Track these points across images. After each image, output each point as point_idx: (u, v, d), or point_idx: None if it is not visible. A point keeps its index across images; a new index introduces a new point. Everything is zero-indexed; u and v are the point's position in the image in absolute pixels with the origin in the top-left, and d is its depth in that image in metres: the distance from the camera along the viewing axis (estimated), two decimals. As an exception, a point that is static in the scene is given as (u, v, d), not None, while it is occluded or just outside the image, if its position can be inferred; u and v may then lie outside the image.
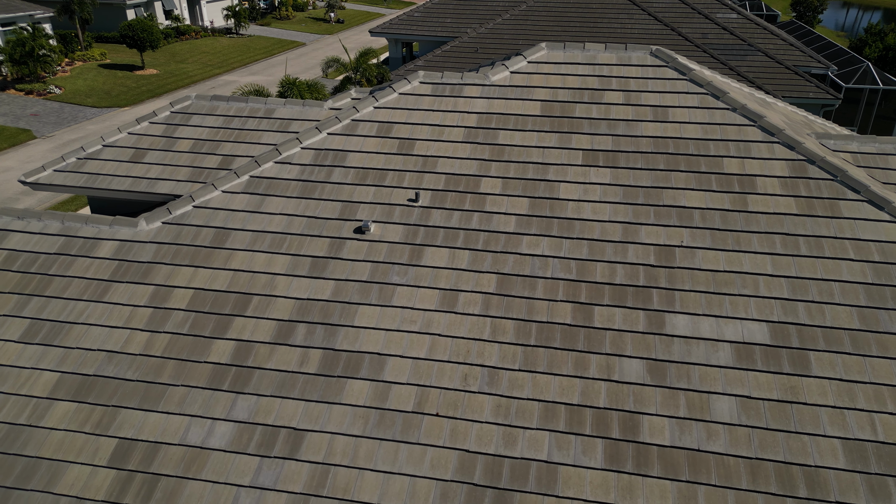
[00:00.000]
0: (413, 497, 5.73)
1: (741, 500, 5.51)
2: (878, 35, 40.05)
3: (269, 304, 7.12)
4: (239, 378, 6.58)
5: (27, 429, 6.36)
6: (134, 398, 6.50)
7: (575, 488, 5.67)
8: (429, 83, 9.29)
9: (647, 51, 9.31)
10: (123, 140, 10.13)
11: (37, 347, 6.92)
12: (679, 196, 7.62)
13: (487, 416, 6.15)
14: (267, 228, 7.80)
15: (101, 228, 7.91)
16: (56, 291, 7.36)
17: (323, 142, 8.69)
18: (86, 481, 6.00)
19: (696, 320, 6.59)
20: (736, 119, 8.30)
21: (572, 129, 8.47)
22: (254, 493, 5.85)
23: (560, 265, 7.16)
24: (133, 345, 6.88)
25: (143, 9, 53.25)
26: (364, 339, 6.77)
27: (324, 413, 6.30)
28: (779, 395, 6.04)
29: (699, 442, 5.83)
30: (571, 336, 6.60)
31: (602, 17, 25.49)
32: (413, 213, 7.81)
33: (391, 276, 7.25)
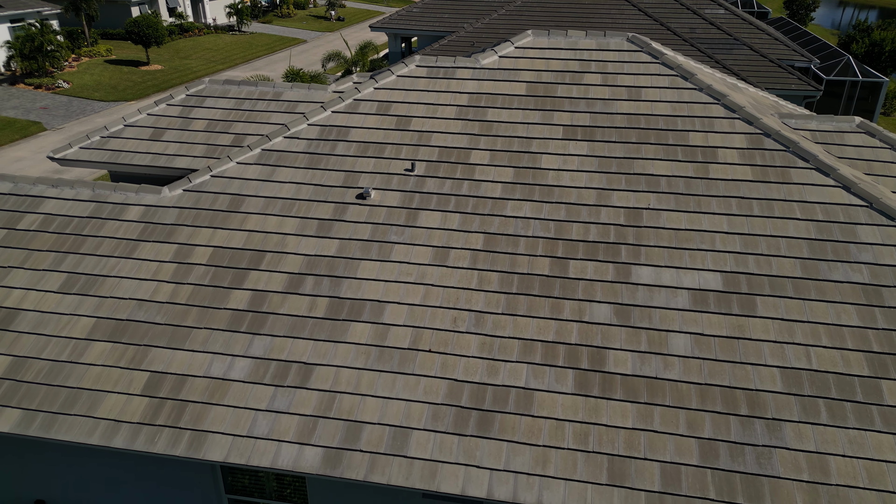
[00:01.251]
0: (408, 418, 6.61)
1: (691, 418, 6.38)
2: (866, 31, 40.89)
3: (281, 260, 7.98)
4: (255, 322, 7.45)
5: (68, 365, 7.23)
6: (163, 339, 7.37)
7: (548, 409, 6.54)
8: (424, 66, 10.15)
9: (624, 37, 10.17)
10: (143, 120, 10.99)
11: (74, 297, 7.79)
12: (648, 165, 8.49)
13: (473, 351, 7.03)
14: (278, 195, 8.66)
15: (129, 195, 8.78)
16: (89, 249, 8.22)
17: (328, 119, 9.55)
18: (122, 407, 6.87)
19: (658, 271, 7.46)
20: (702, 98, 9.16)
21: (554, 107, 9.33)
22: (269, 416, 6.72)
23: (540, 225, 8.02)
24: (160, 294, 7.75)
25: (147, 6, 54.06)
26: (366, 289, 7.64)
27: (330, 350, 7.17)
28: (728, 332, 6.91)
29: (657, 371, 6.70)
30: (548, 285, 7.47)
31: (594, 12, 26.31)
32: (409, 181, 8.68)
33: (389, 235, 8.12)
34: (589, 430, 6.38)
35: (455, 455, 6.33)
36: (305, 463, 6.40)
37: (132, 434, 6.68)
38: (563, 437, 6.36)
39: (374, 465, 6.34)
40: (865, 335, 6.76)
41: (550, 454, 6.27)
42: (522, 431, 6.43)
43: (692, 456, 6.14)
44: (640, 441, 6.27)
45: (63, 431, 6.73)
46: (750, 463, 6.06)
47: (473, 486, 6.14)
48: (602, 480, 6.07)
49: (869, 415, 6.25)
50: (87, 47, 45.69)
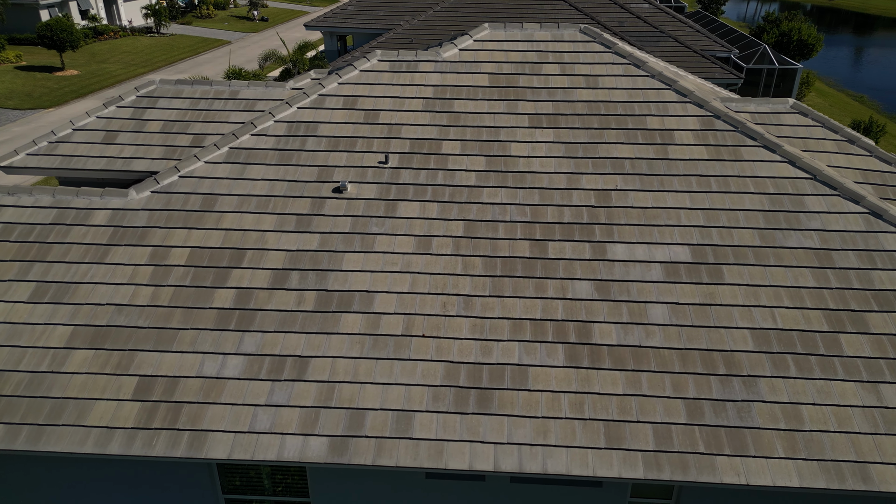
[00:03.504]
0: (409, 401, 6.76)
1: (675, 380, 6.82)
2: (774, 23, 43.56)
3: (263, 257, 7.95)
4: (243, 319, 7.41)
5: (49, 375, 6.99)
6: (148, 342, 7.22)
7: (543, 383, 6.84)
8: (386, 60, 10.26)
9: (577, 28, 10.61)
10: (93, 123, 10.61)
11: (46, 306, 7.51)
12: (612, 149, 8.92)
13: (466, 333, 7.25)
14: (251, 192, 8.61)
15: (93, 199, 8.51)
16: (57, 256, 7.94)
17: (294, 115, 9.54)
18: (113, 413, 6.71)
19: (631, 247, 7.89)
20: (655, 84, 9.69)
21: (517, 97, 9.65)
22: (270, 410, 6.73)
23: (517, 210, 8.32)
24: (140, 298, 7.58)
25: (57, 9, 51.34)
26: (352, 280, 7.72)
27: (324, 342, 7.23)
28: (700, 300, 7.41)
29: (640, 340, 7.11)
30: (530, 266, 7.78)
31: (527, 8, 26.97)
32: (384, 173, 8.80)
33: (370, 227, 8.23)
34: (583, 400, 6.72)
35: (459, 433, 6.54)
36: (312, 453, 6.45)
37: (127, 439, 6.54)
38: (559, 407, 6.67)
39: (380, 449, 6.47)
40: (822, 295, 7.40)
41: (550, 424, 6.57)
42: (521, 405, 6.70)
43: (680, 415, 6.58)
44: (631, 406, 6.66)
45: (52, 443, 6.52)
46: (732, 417, 6.54)
47: (480, 460, 6.36)
48: (601, 444, 6.41)
49: (832, 366, 6.86)
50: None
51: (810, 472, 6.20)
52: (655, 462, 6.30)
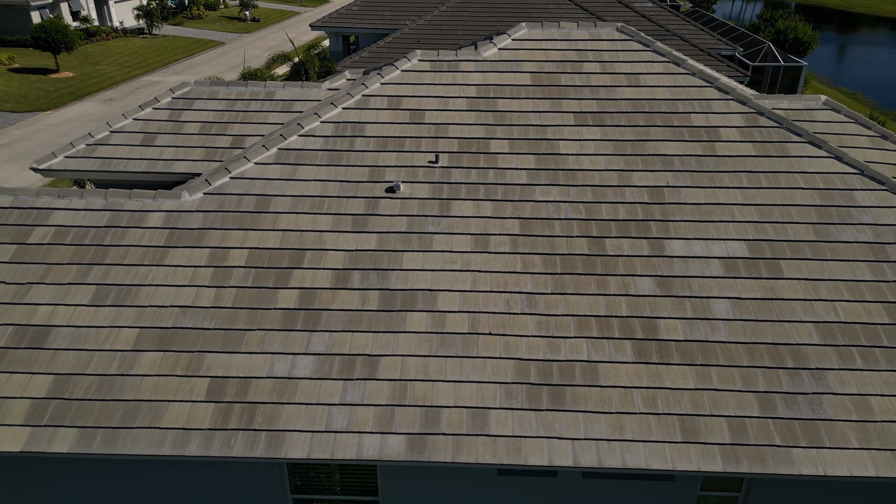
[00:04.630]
0: (483, 398, 6.80)
1: (744, 374, 6.91)
2: (769, 21, 44.02)
3: (323, 257, 7.96)
4: (309, 319, 7.41)
5: (119, 378, 6.95)
6: (215, 344, 7.21)
7: (614, 379, 6.91)
8: (427, 60, 10.29)
9: (614, 27, 10.69)
10: (130, 125, 10.55)
11: (109, 309, 7.47)
12: (660, 146, 9.01)
13: (532, 331, 7.30)
14: (305, 193, 8.60)
15: (146, 202, 8.47)
16: (115, 259, 7.89)
17: (340, 115, 9.54)
18: (188, 414, 6.70)
19: (689, 243, 7.98)
20: (696, 82, 9.79)
21: (561, 95, 9.71)
22: (345, 409, 6.74)
23: (571, 208, 8.38)
24: (203, 299, 7.56)
25: (48, 10, 50.75)
26: (414, 280, 7.75)
27: (391, 341, 7.25)
28: (762, 294, 7.51)
29: (706, 335, 7.20)
30: (590, 263, 7.84)
31: (533, 7, 27.08)
32: (435, 172, 8.83)
33: (426, 226, 8.25)
34: (656, 395, 6.79)
35: (535, 429, 6.59)
36: (391, 451, 6.48)
37: (205, 441, 6.53)
38: (633, 403, 6.74)
39: (459, 446, 6.50)
40: (880, 288, 7.53)
41: (625, 420, 6.64)
42: (594, 401, 6.76)
43: (753, 408, 6.67)
44: (703, 400, 6.75)
45: (129, 445, 6.50)
46: (804, 409, 6.65)
47: (559, 456, 6.42)
48: (677, 439, 6.49)
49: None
50: (-14, 55, 42.48)
51: (885, 462, 6.32)
52: (733, 455, 6.39)
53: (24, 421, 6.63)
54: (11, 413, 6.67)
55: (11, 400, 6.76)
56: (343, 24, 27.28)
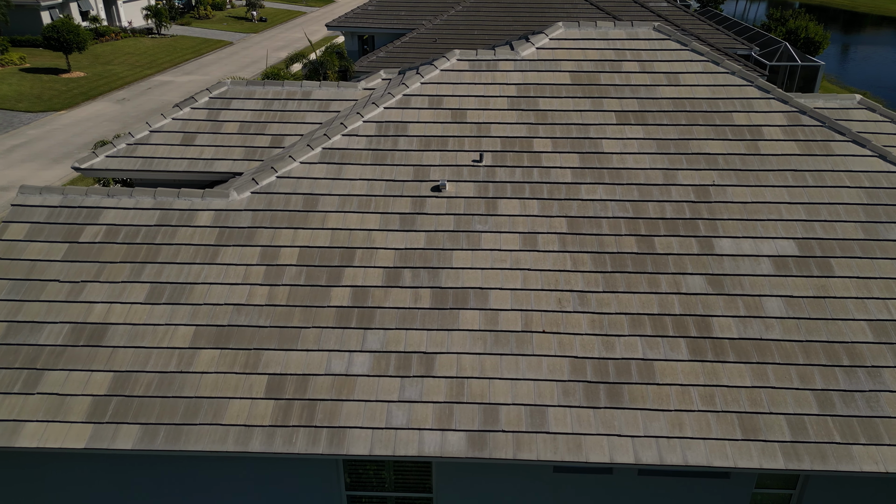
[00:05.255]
0: (540, 396, 6.84)
1: (801, 372, 6.94)
2: (780, 21, 44.00)
3: (373, 255, 8.00)
4: (363, 317, 7.46)
5: (178, 375, 7.00)
6: (272, 341, 7.26)
7: (671, 377, 6.94)
8: (465, 60, 10.33)
9: (651, 26, 10.72)
10: (170, 125, 10.61)
11: (165, 307, 7.52)
12: (703, 145, 9.04)
13: (586, 329, 7.33)
14: (351, 192, 8.65)
15: (194, 201, 8.52)
16: (168, 258, 7.94)
17: (382, 115, 9.58)
18: (249, 411, 6.74)
19: (737, 242, 8.01)
20: (736, 81, 9.82)
21: (601, 94, 9.74)
22: (404, 406, 6.79)
23: (618, 206, 8.42)
24: (257, 297, 7.61)
25: (58, 10, 50.87)
26: (465, 278, 7.79)
27: (446, 338, 7.29)
28: (814, 293, 7.54)
29: (760, 333, 7.23)
30: (640, 262, 7.88)
31: (548, 6, 27.11)
32: (480, 171, 8.87)
33: (474, 225, 8.29)
34: (713, 392, 6.83)
35: (595, 427, 6.63)
36: (452, 448, 6.52)
37: (267, 437, 6.58)
38: (690, 400, 6.77)
39: (519, 443, 6.54)
40: (931, 286, 7.56)
41: (684, 417, 6.67)
42: (652, 399, 6.80)
43: (811, 406, 6.70)
44: (761, 398, 6.78)
45: (192, 442, 6.54)
46: (862, 407, 6.68)
47: (620, 453, 6.46)
48: (737, 436, 6.52)
49: (952, 355, 7.01)
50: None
51: (945, 458, 6.35)
52: (794, 452, 6.42)
53: (86, 418, 6.68)
54: (73, 410, 6.73)
55: (72, 397, 6.81)
56: (359, 23, 27.33)
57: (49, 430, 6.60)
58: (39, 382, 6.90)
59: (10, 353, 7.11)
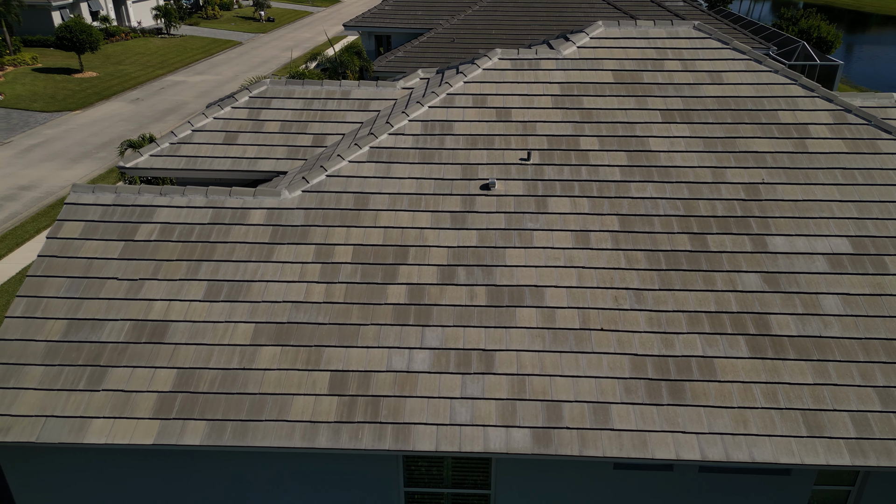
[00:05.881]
0: (602, 393, 6.87)
1: (862, 370, 6.96)
2: (791, 20, 43.95)
3: (426, 253, 8.04)
4: (420, 314, 7.49)
5: (241, 372, 7.04)
6: (331, 338, 7.30)
7: (732, 374, 6.97)
8: (507, 59, 10.36)
9: (691, 25, 10.74)
10: (212, 124, 10.65)
11: (224, 304, 7.56)
12: (750, 143, 9.06)
13: (644, 326, 7.36)
14: (401, 191, 8.68)
15: (246, 199, 8.56)
16: (223, 255, 7.99)
17: (427, 114, 9.61)
18: (314, 408, 6.78)
19: (791, 240, 8.03)
20: (779, 79, 9.84)
21: (645, 93, 9.77)
22: (467, 403, 6.82)
23: (668, 205, 8.44)
24: (314, 295, 7.65)
25: (68, 10, 50.99)
26: (519, 276, 7.82)
27: (504, 336, 7.32)
28: (870, 290, 7.56)
29: (819, 330, 7.25)
30: (694, 260, 7.90)
31: (566, 6, 27.13)
32: (528, 169, 8.90)
33: (525, 223, 8.32)
34: (775, 390, 6.85)
35: (659, 424, 6.65)
36: (517, 444, 6.55)
37: (333, 433, 6.62)
38: (753, 397, 6.80)
39: (584, 440, 6.57)
40: None
41: (747, 414, 6.69)
42: (714, 396, 6.82)
43: (874, 403, 6.72)
44: (824, 395, 6.80)
45: (259, 438, 6.58)
46: (925, 404, 6.70)
47: (686, 450, 6.48)
48: (802, 433, 6.55)
49: None
50: (10, 55, 42.71)
51: None
52: (859, 449, 6.44)
53: (153, 414, 6.73)
54: (140, 406, 6.77)
55: (138, 394, 6.86)
56: (376, 23, 27.38)
57: (116, 426, 6.64)
58: (104, 379, 6.94)
59: (73, 350, 7.16)
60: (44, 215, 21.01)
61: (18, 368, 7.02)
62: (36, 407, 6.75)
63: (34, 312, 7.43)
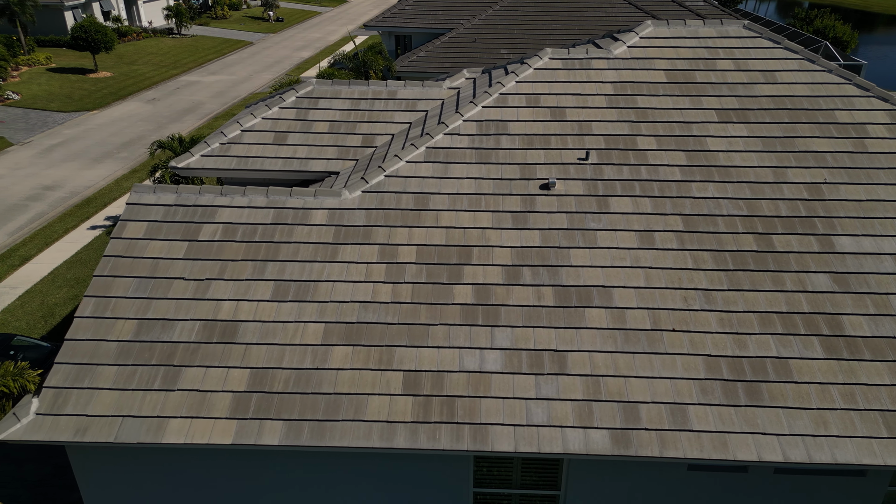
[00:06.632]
0: (679, 394, 6.84)
1: (938, 370, 6.93)
2: (806, 20, 43.84)
3: (490, 253, 8.01)
4: (488, 314, 7.47)
5: (315, 372, 7.03)
6: (402, 338, 7.27)
7: (808, 375, 6.93)
8: (558, 58, 10.33)
9: (741, 24, 10.71)
10: (260, 125, 10.64)
11: (292, 304, 7.55)
12: (809, 143, 9.02)
13: (715, 327, 7.33)
14: (460, 191, 8.66)
15: (307, 199, 8.55)
16: (288, 256, 7.97)
17: (481, 114, 9.59)
18: (389, 408, 6.76)
19: (857, 240, 7.99)
20: (833, 79, 9.79)
21: (699, 92, 9.73)
22: (542, 404, 6.80)
23: (731, 205, 8.41)
24: (381, 295, 7.63)
25: (80, 10, 51.07)
26: (585, 276, 7.79)
27: (574, 336, 7.29)
28: (941, 290, 7.52)
29: (893, 331, 7.21)
30: (761, 260, 7.87)
31: (586, 6, 27.07)
32: (586, 169, 8.87)
33: (588, 222, 8.29)
34: (853, 391, 6.81)
35: (738, 425, 6.62)
36: (596, 446, 6.52)
37: (411, 433, 6.60)
38: (831, 398, 6.76)
39: (663, 441, 6.54)
40: None
41: (827, 415, 6.66)
42: (792, 397, 6.79)
43: (954, 404, 6.69)
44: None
45: (337, 438, 6.57)
46: None
47: (768, 451, 6.45)
48: (883, 434, 6.51)
49: None
50: (24, 56, 42.81)
51: None
52: (943, 449, 6.41)
53: (229, 414, 6.71)
54: (216, 406, 6.76)
55: (214, 394, 6.85)
56: (397, 23, 27.36)
57: (194, 426, 6.63)
58: (179, 379, 6.93)
59: (145, 349, 7.16)
60: (70, 215, 21.03)
61: (91, 368, 7.01)
62: (112, 407, 6.74)
63: (103, 312, 7.43)
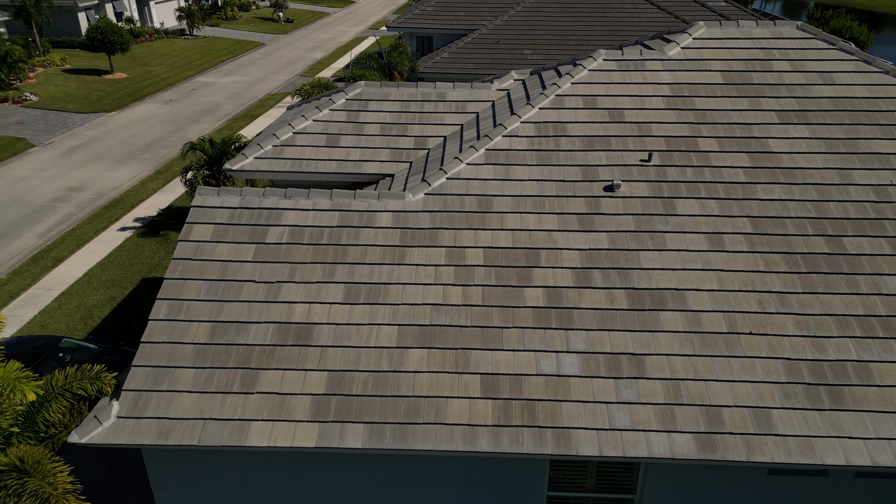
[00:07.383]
0: (760, 398, 6.79)
1: None
2: (821, 21, 43.73)
3: (558, 256, 7.97)
4: (562, 318, 7.43)
5: (393, 374, 7.00)
6: (476, 341, 7.24)
7: (890, 379, 6.88)
8: (612, 60, 10.29)
9: (794, 25, 10.66)
10: (312, 127, 10.63)
11: (364, 307, 7.52)
12: (872, 145, 8.97)
13: (792, 330, 7.28)
14: (523, 193, 8.62)
15: (371, 202, 8.52)
16: (356, 258, 7.94)
17: (538, 115, 9.55)
18: (469, 411, 6.73)
19: (930, 242, 7.94)
20: (891, 80, 9.74)
21: (757, 94, 9.68)
22: (624, 408, 6.75)
23: (799, 207, 8.35)
24: (452, 297, 7.60)
25: (93, 11, 51.19)
26: (657, 279, 7.75)
27: (651, 340, 7.25)
28: None
29: (973, 333, 7.16)
30: (834, 262, 7.81)
31: (609, 6, 27.02)
32: (649, 171, 8.82)
33: (655, 225, 8.25)
34: (937, 394, 6.76)
35: (823, 429, 6.57)
36: (681, 450, 6.48)
37: (493, 437, 6.56)
38: (916, 402, 6.71)
39: (749, 445, 6.49)
40: None
41: (912, 419, 6.61)
42: (875, 401, 6.74)
43: None
44: None
45: (420, 441, 6.53)
46: None
47: (855, 456, 6.40)
48: (971, 438, 6.46)
49: None
50: (40, 57, 42.90)
51: None
52: None
53: (310, 417, 6.68)
54: (297, 409, 6.73)
55: (293, 396, 6.82)
56: (419, 24, 27.34)
57: (276, 429, 6.61)
58: (257, 382, 6.91)
59: (221, 352, 7.13)
60: (99, 217, 21.04)
61: (170, 371, 6.99)
62: (193, 409, 6.72)
63: (177, 315, 7.41)
